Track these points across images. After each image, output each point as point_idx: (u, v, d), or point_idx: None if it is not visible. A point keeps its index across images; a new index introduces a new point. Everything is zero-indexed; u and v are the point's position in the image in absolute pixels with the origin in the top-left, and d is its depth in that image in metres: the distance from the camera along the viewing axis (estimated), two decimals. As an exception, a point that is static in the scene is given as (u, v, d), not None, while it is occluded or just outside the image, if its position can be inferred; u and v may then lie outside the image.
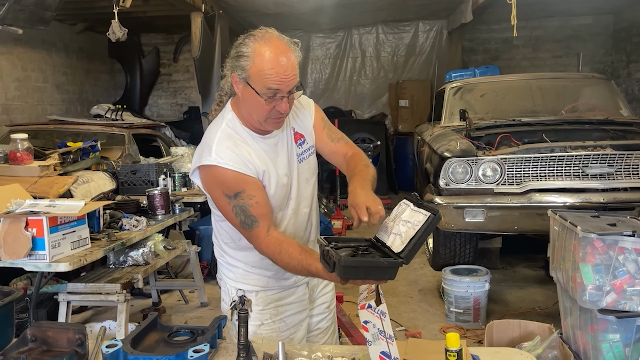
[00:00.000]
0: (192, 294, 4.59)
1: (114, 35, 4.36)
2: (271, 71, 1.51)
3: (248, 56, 1.54)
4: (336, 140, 1.82)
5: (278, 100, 1.54)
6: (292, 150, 1.73)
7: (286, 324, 1.79)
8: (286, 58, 1.53)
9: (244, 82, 1.56)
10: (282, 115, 1.59)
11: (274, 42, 1.54)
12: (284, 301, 1.79)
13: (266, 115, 1.57)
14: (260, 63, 1.51)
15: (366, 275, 1.38)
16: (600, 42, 9.07)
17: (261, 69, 1.51)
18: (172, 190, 4.69)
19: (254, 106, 1.57)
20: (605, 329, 2.24)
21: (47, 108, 7.54)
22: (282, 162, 1.70)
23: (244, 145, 1.63)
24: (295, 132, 1.75)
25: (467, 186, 3.88)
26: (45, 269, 2.61)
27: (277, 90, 1.52)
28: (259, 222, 1.58)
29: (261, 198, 1.60)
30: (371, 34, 9.70)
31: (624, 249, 2.18)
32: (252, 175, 1.60)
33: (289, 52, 1.54)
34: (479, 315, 3.81)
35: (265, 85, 1.52)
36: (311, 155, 1.79)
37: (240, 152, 1.60)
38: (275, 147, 1.69)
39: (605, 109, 4.93)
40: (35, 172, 3.82)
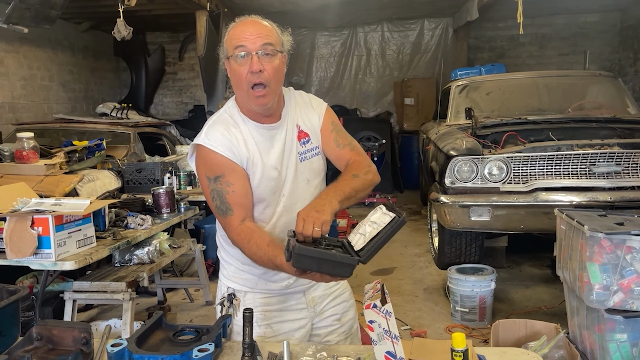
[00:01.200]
0: (197, 293, 4.60)
1: (119, 34, 4.36)
2: (236, 31, 1.57)
3: (225, 36, 1.62)
4: (342, 146, 1.76)
5: (249, 61, 1.53)
6: (292, 146, 1.69)
7: (273, 330, 1.75)
8: (253, 23, 1.58)
9: (225, 58, 1.61)
10: (258, 81, 1.54)
11: (246, 17, 1.62)
12: (273, 307, 1.75)
13: (246, 84, 1.55)
14: (230, 32, 1.60)
15: (319, 267, 1.37)
16: (607, 40, 9.01)
17: (230, 35, 1.59)
18: (178, 189, 4.69)
19: (236, 79, 1.58)
20: (613, 328, 2.23)
21: (53, 106, 7.57)
22: (275, 155, 1.65)
23: (235, 130, 1.62)
24: (300, 130, 1.72)
25: (473, 185, 3.87)
26: (51, 268, 2.62)
27: (243, 46, 1.54)
28: (233, 211, 1.57)
29: (239, 187, 1.59)
30: (376, 32, 9.68)
31: (632, 248, 2.17)
32: (236, 162, 1.59)
33: (259, 21, 1.60)
34: (485, 315, 3.79)
35: (233, 45, 1.56)
36: (315, 156, 1.74)
37: (229, 137, 1.60)
38: (271, 138, 1.66)
39: (612, 107, 4.90)
40: (41, 170, 3.83)
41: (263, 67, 1.54)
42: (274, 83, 1.57)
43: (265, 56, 1.54)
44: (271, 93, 1.58)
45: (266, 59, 1.54)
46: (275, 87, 1.59)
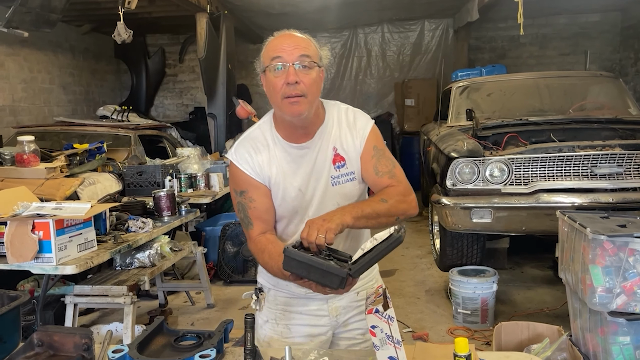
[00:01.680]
0: (199, 295, 4.59)
1: (120, 36, 4.36)
2: (274, 43, 1.57)
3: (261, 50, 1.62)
4: (381, 174, 1.66)
5: (286, 72, 1.52)
6: (323, 168, 1.64)
7: (290, 331, 1.77)
8: (291, 35, 1.58)
9: (261, 71, 1.60)
10: (294, 92, 1.51)
11: (284, 31, 1.61)
12: (293, 308, 1.77)
13: (280, 94, 1.53)
14: (267, 46, 1.59)
15: (308, 273, 1.37)
16: (608, 40, 9.00)
17: (267, 48, 1.58)
18: (179, 192, 4.69)
19: (272, 91, 1.56)
20: (616, 331, 2.22)
21: (53, 109, 7.57)
22: (300, 176, 1.64)
23: (263, 149, 1.65)
24: (336, 153, 1.65)
25: (474, 186, 3.86)
26: (51, 272, 2.62)
27: (280, 57, 1.53)
28: (253, 225, 1.65)
29: (260, 204, 1.64)
30: (377, 33, 9.67)
31: (635, 251, 2.16)
32: (259, 180, 1.64)
33: (295, 34, 1.59)
34: (487, 317, 3.78)
35: (270, 57, 1.55)
36: (350, 181, 1.67)
37: (255, 157, 1.64)
38: (299, 159, 1.64)
39: (613, 107, 4.89)
40: (42, 174, 3.83)
41: (300, 79, 1.51)
42: (310, 95, 1.54)
43: (303, 68, 1.52)
44: (307, 103, 1.54)
45: (303, 71, 1.52)
46: (312, 99, 1.56)
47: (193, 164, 5.18)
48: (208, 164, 5.35)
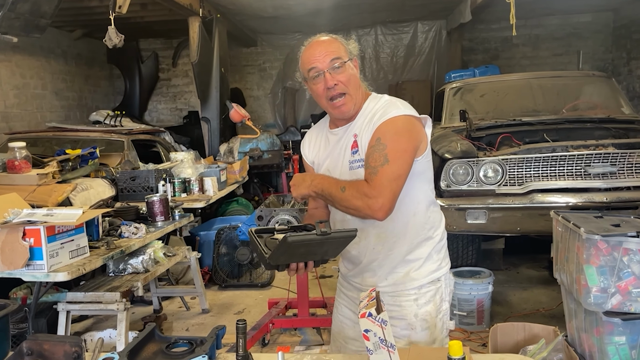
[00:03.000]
0: (194, 301, 4.57)
1: (111, 41, 4.33)
2: (306, 55, 1.74)
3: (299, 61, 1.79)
4: (366, 166, 1.65)
5: (323, 79, 1.69)
6: (345, 153, 1.78)
7: (341, 309, 1.97)
8: (319, 43, 1.73)
9: (304, 81, 1.78)
10: (335, 93, 1.70)
11: (313, 39, 1.76)
12: (343, 290, 1.97)
13: (324, 99, 1.73)
14: (302, 56, 1.76)
15: (254, 253, 1.61)
16: (601, 40, 9.03)
17: (302, 59, 1.75)
18: (172, 196, 4.67)
19: (317, 97, 1.76)
20: (611, 331, 2.21)
21: (46, 115, 7.53)
22: (330, 159, 1.83)
23: (314, 138, 1.94)
24: (355, 140, 1.76)
25: (469, 187, 3.85)
26: (43, 279, 2.59)
27: (314, 68, 1.70)
28: (309, 202, 1.97)
29: None
30: (370, 35, 9.68)
31: (629, 250, 2.15)
32: (308, 163, 1.96)
33: (325, 39, 1.74)
34: (483, 318, 3.77)
35: (306, 69, 1.73)
36: (361, 167, 1.71)
37: (309, 143, 1.95)
38: (333, 143, 1.83)
39: (606, 107, 4.90)
40: (34, 180, 3.80)
41: (337, 80, 1.69)
42: (351, 88, 1.72)
43: (336, 70, 1.69)
44: (350, 100, 1.73)
45: (338, 72, 1.70)
46: (354, 92, 1.73)
47: (187, 169, 5.16)
48: (202, 168, 5.33)
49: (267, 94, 9.98)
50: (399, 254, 1.78)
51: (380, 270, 1.81)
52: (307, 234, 1.46)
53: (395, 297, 1.80)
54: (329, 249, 1.57)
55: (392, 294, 1.80)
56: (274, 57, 9.92)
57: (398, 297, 1.79)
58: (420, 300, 1.79)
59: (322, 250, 1.56)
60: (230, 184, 5.79)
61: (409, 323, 1.79)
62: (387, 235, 1.75)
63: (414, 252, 1.79)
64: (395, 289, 1.80)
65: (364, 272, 1.85)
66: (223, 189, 5.43)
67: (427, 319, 1.79)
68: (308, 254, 1.57)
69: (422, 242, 1.79)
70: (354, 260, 1.86)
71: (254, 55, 9.99)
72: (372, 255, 1.80)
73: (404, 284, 1.79)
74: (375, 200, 1.58)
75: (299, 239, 1.44)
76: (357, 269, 1.86)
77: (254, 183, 7.23)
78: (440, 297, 1.82)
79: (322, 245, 1.52)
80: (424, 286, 1.79)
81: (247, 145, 7.12)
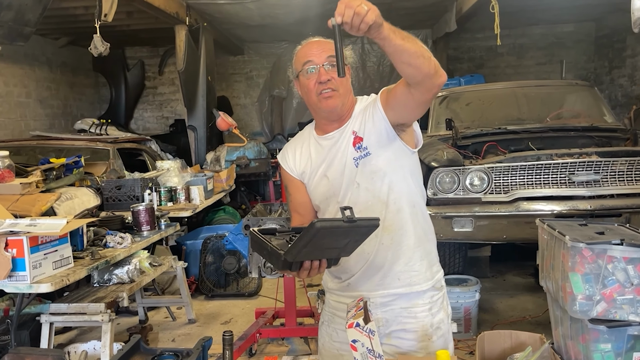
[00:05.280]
0: (180, 311, 4.52)
1: (96, 50, 4.30)
2: (303, 50, 1.74)
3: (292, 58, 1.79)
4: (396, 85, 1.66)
5: (317, 73, 1.68)
6: (346, 153, 1.74)
7: (338, 335, 1.84)
8: (317, 41, 1.75)
9: (295, 77, 1.77)
10: (327, 87, 1.67)
11: (310, 39, 1.77)
12: (338, 314, 1.83)
13: (314, 94, 1.70)
14: (297, 53, 1.77)
15: (262, 252, 1.50)
16: (583, 49, 9.18)
17: (298, 55, 1.76)
18: (158, 205, 4.63)
19: (306, 91, 1.73)
20: (597, 338, 2.22)
21: (30, 123, 7.44)
22: (326, 163, 1.78)
23: (300, 147, 1.85)
24: (356, 136, 1.74)
25: (455, 196, 3.87)
26: (26, 290, 2.55)
27: (310, 61, 1.70)
28: (292, 216, 1.90)
29: (295, 198, 1.86)
30: (356, 44, 9.72)
31: (613, 258, 2.17)
32: (294, 176, 1.85)
33: (321, 40, 1.75)
34: (470, 326, 3.79)
35: (301, 62, 1.72)
36: (366, 156, 1.70)
37: (292, 154, 1.86)
38: (327, 149, 1.78)
39: (589, 115, 4.97)
40: (17, 189, 3.74)
41: (330, 76, 1.68)
42: (342, 88, 1.71)
43: (332, 67, 1.68)
44: (339, 97, 1.71)
45: (332, 70, 1.68)
46: (343, 93, 1.72)
47: (173, 177, 5.13)
48: (188, 176, 5.30)
49: (254, 102, 9.97)
50: (407, 248, 1.75)
51: (390, 271, 1.74)
52: (334, 220, 1.36)
53: (410, 308, 1.78)
54: (350, 242, 1.45)
55: (405, 305, 1.77)
56: (261, 65, 9.92)
57: (412, 308, 1.78)
58: (434, 309, 1.81)
59: (343, 243, 1.44)
60: (217, 193, 5.76)
61: (425, 334, 1.78)
62: (394, 226, 1.73)
63: (420, 247, 1.77)
64: (410, 291, 1.76)
65: (368, 278, 1.75)
66: (210, 197, 5.41)
67: (441, 326, 1.82)
68: (329, 248, 1.45)
69: (425, 238, 1.81)
70: (351, 267, 1.75)
71: (241, 64, 9.98)
72: (381, 253, 1.73)
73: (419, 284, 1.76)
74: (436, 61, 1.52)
75: (327, 224, 1.33)
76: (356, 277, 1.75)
77: (241, 191, 7.21)
78: (447, 302, 1.89)
79: (346, 236, 1.41)
80: (435, 294, 1.82)
81: (234, 154, 7.11)
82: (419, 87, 1.54)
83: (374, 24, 1.33)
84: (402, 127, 1.72)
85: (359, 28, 1.33)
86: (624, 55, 8.12)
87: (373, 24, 1.33)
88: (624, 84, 8.17)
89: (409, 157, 1.77)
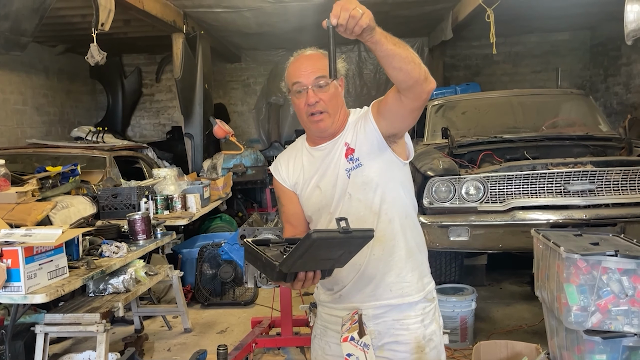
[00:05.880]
0: (176, 320, 4.50)
1: (93, 59, 4.30)
2: (293, 68, 1.74)
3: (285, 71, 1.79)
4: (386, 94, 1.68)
5: (306, 95, 1.69)
6: (339, 164, 1.75)
7: (330, 348, 1.83)
8: (307, 58, 1.74)
9: (288, 92, 1.79)
10: (315, 110, 1.70)
11: (300, 53, 1.77)
12: (331, 326, 1.83)
13: (304, 113, 1.72)
14: (288, 68, 1.77)
15: (256, 263, 1.50)
16: (578, 57, 9.23)
17: (288, 71, 1.76)
18: (154, 214, 4.62)
19: (297, 110, 1.76)
20: (592, 349, 2.23)
21: (26, 131, 7.42)
22: (319, 175, 1.79)
23: (293, 158, 1.86)
24: (348, 147, 1.75)
25: (451, 205, 3.88)
26: (20, 301, 2.55)
27: (299, 82, 1.71)
28: (284, 227, 1.89)
29: (287, 209, 1.87)
30: (353, 52, 9.76)
31: (608, 269, 2.18)
32: (286, 187, 1.86)
33: (313, 54, 1.75)
34: (467, 335, 3.78)
35: (291, 81, 1.74)
36: (358, 167, 1.72)
37: (285, 166, 1.87)
38: (319, 160, 1.79)
39: (584, 124, 4.99)
40: (12, 198, 3.72)
41: (319, 98, 1.70)
42: (331, 109, 1.72)
43: (319, 88, 1.70)
44: (329, 117, 1.73)
45: (321, 91, 1.70)
46: (333, 112, 1.73)
47: (169, 185, 5.12)
48: (185, 184, 5.29)
49: (251, 110, 9.99)
50: (399, 259, 1.76)
51: (382, 282, 1.75)
52: (331, 231, 1.37)
53: (402, 320, 1.78)
54: (344, 253, 1.47)
55: (397, 317, 1.77)
56: (258, 72, 9.94)
57: (405, 319, 1.78)
58: (426, 320, 1.81)
59: (338, 254, 1.45)
60: (214, 200, 5.75)
61: (417, 346, 1.78)
62: (386, 237, 1.73)
63: (411, 258, 1.78)
64: (402, 302, 1.76)
65: (360, 290, 1.75)
66: (206, 205, 5.40)
67: (434, 338, 1.82)
68: (324, 259, 1.46)
69: (416, 250, 1.82)
70: (343, 279, 1.75)
71: (238, 71, 10.00)
72: (373, 264, 1.73)
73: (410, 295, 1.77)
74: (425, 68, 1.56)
75: (324, 235, 1.34)
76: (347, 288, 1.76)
77: (237, 199, 7.20)
78: (439, 313, 1.89)
79: (342, 247, 1.42)
80: (427, 306, 1.82)
81: (230, 161, 7.10)
82: (409, 94, 1.57)
83: (368, 27, 1.38)
84: (394, 138, 1.73)
85: (353, 30, 1.38)
86: (619, 64, 8.17)
87: (367, 27, 1.38)
88: (619, 92, 8.21)
89: (401, 169, 1.78)
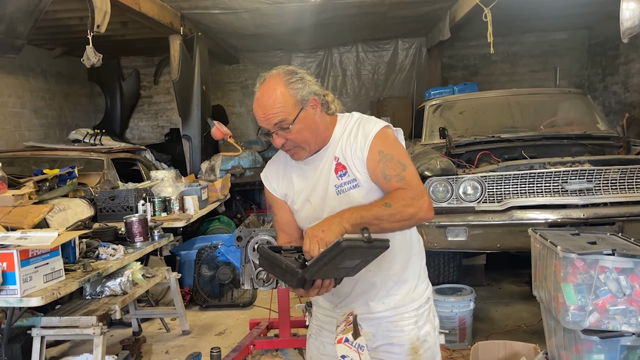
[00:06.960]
0: (174, 322, 4.49)
1: (89, 61, 4.30)
2: (255, 109, 1.68)
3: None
4: (389, 177, 1.64)
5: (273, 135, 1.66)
6: (328, 179, 1.71)
7: (325, 348, 1.85)
8: (262, 104, 1.65)
9: None
10: (287, 148, 1.68)
11: (264, 83, 1.69)
12: (326, 326, 1.85)
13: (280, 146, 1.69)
14: (253, 105, 1.70)
15: (273, 271, 1.50)
16: (576, 57, 9.23)
17: (254, 110, 1.69)
18: (152, 216, 4.61)
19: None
20: (590, 349, 2.22)
21: (25, 134, 7.42)
22: (309, 188, 1.76)
23: (282, 168, 1.83)
24: (337, 163, 1.71)
25: (449, 205, 3.87)
26: (16, 305, 2.54)
27: (262, 128, 1.67)
28: (278, 235, 1.86)
29: (280, 217, 1.84)
30: (351, 52, 9.76)
31: (605, 268, 2.17)
32: (277, 196, 1.84)
33: (273, 90, 1.65)
34: (465, 335, 3.77)
35: (258, 123, 1.69)
36: (353, 188, 1.68)
37: (275, 176, 1.84)
38: (308, 172, 1.76)
39: (582, 123, 4.98)
40: (9, 201, 3.72)
41: (285, 137, 1.65)
42: (302, 142, 1.67)
43: (283, 130, 1.64)
44: (302, 150, 1.70)
45: (285, 132, 1.64)
46: (305, 143, 1.68)
47: (167, 187, 5.11)
48: (182, 186, 5.28)
49: (249, 111, 9.98)
50: (395, 273, 1.76)
51: (377, 295, 1.76)
52: (357, 239, 1.37)
53: (396, 322, 1.77)
54: (361, 262, 1.46)
55: (391, 319, 1.77)
56: (256, 74, 9.79)
57: (399, 322, 1.78)
58: (420, 322, 1.80)
59: (355, 263, 1.45)
60: (212, 202, 5.75)
61: (412, 347, 1.77)
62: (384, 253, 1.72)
63: (407, 270, 1.79)
64: (396, 313, 1.77)
65: (357, 300, 1.77)
66: (204, 207, 5.39)
67: (428, 339, 1.81)
68: (344, 267, 1.45)
69: (412, 259, 1.81)
70: (345, 289, 1.75)
71: (236, 73, 10.00)
72: (367, 279, 1.73)
73: (404, 306, 1.78)
74: (423, 200, 1.59)
75: (352, 243, 1.33)
76: (348, 298, 1.78)
77: (236, 201, 7.19)
78: (433, 314, 1.87)
79: (362, 255, 1.43)
80: (422, 306, 1.81)
81: (229, 163, 7.10)
82: None
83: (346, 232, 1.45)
84: None
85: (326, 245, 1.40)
86: (617, 63, 8.17)
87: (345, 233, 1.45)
88: (617, 91, 8.21)
89: None
